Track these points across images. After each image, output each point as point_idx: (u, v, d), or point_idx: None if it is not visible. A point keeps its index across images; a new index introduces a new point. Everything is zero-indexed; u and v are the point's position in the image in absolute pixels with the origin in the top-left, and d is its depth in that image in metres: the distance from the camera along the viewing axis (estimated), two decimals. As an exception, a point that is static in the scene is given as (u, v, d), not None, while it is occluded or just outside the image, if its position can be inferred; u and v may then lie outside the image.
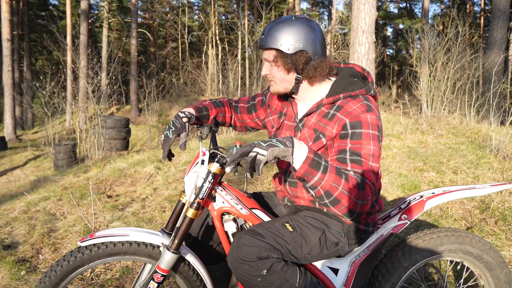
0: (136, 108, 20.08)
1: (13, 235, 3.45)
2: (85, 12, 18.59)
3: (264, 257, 1.54)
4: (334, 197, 1.45)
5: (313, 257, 1.69)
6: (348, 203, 1.46)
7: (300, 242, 1.65)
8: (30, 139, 16.16)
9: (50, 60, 27.62)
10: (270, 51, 1.66)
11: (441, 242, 1.84)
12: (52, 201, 4.12)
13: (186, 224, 1.70)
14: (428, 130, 5.90)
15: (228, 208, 1.76)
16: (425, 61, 8.81)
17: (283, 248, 1.61)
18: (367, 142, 1.56)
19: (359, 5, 7.77)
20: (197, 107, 1.93)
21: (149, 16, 32.84)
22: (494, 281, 1.89)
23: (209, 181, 1.68)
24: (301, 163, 1.42)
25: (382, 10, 33.37)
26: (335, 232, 1.71)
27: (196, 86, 16.87)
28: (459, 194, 1.88)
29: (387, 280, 1.84)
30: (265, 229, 1.63)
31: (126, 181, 4.56)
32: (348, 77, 1.71)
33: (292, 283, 1.59)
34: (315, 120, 1.71)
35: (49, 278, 1.65)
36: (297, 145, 1.44)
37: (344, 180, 1.46)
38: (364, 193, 1.48)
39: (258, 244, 1.56)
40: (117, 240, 1.71)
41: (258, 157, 1.38)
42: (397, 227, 1.83)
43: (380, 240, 1.81)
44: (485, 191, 1.87)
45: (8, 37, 16.35)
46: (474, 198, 3.72)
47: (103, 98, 10.57)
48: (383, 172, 4.36)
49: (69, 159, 9.59)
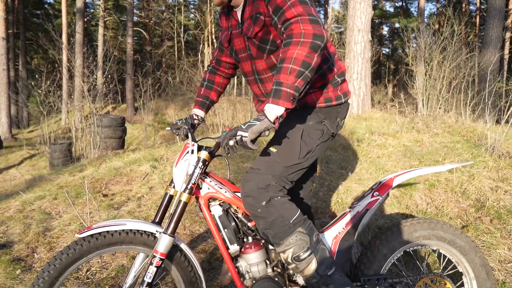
0: (132, 107, 20.04)
1: (8, 234, 3.43)
2: (80, 10, 18.52)
3: (263, 187, 1.76)
4: (300, 68, 1.52)
5: (310, 155, 1.87)
6: (303, 51, 1.52)
7: (287, 152, 1.83)
8: (26, 138, 16.10)
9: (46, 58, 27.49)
10: None
11: (414, 228, 1.99)
12: (47, 200, 4.10)
13: (181, 208, 1.84)
14: (423, 129, 5.91)
15: (214, 193, 1.92)
16: (421, 60, 8.83)
17: (278, 169, 1.80)
18: None
19: (355, 4, 7.78)
20: (200, 102, 2.27)
21: (145, 14, 32.75)
22: (471, 266, 2.01)
23: (200, 167, 1.86)
24: (278, 106, 1.54)
25: (378, 9, 33.42)
26: (314, 124, 1.89)
27: (192, 85, 16.86)
28: (423, 170, 2.08)
29: (369, 268, 1.99)
30: (258, 161, 1.84)
31: (122, 180, 4.54)
32: None
33: (287, 218, 1.77)
34: (248, 12, 1.82)
35: (48, 272, 1.68)
36: (266, 111, 1.56)
37: (284, 64, 1.53)
38: (294, 34, 1.55)
39: (256, 177, 1.78)
40: (114, 230, 1.79)
41: (243, 139, 1.54)
42: (370, 203, 2.01)
43: (356, 217, 1.99)
44: (444, 168, 2.10)
45: (3, 35, 16.26)
46: (469, 197, 3.73)
47: (99, 97, 10.52)
48: (379, 170, 4.37)
49: (65, 158, 9.56)
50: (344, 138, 5.46)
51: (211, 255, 3.04)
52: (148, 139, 11.48)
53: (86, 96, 10.19)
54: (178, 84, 19.88)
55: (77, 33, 18.24)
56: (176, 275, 1.91)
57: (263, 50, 1.84)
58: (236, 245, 1.90)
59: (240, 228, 1.94)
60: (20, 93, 18.82)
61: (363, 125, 6.32)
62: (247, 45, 1.91)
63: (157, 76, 19.49)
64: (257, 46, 1.85)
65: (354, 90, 7.83)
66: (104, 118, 10.19)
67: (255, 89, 2.05)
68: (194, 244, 3.15)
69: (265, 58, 1.87)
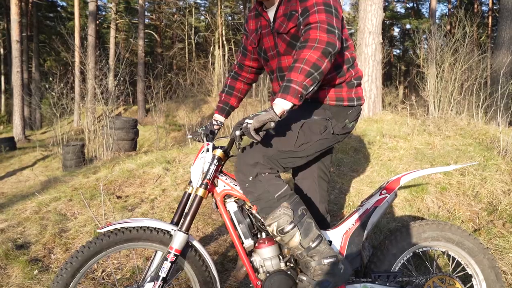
0: (143, 109, 20.20)
1: (25, 235, 3.51)
2: (93, 13, 18.74)
3: (251, 163, 1.88)
4: (310, 69, 1.62)
5: (306, 146, 1.94)
6: (315, 55, 1.63)
7: (284, 137, 1.91)
8: (39, 139, 16.32)
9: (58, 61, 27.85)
10: None
11: (423, 229, 2.04)
12: (62, 201, 4.17)
13: (196, 203, 1.93)
14: (435, 132, 5.90)
15: (229, 190, 2.00)
16: (432, 62, 8.79)
17: (270, 151, 1.89)
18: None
19: (366, 6, 7.78)
20: (220, 108, 2.39)
21: (156, 17, 32.98)
22: (480, 268, 2.03)
23: (215, 164, 1.96)
24: (286, 101, 1.63)
25: (389, 10, 33.25)
26: (318, 120, 1.97)
27: (202, 87, 16.98)
28: (429, 170, 2.15)
29: (379, 267, 2.04)
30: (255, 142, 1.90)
31: (135, 182, 4.60)
32: None
33: (272, 194, 1.86)
34: (282, 10, 1.93)
35: (71, 264, 1.78)
36: (274, 105, 1.65)
37: (296, 63, 1.64)
38: (310, 38, 1.67)
39: (249, 154, 1.90)
40: (132, 226, 1.88)
41: (248, 126, 1.64)
42: (379, 201, 2.07)
43: (365, 214, 2.05)
44: (451, 168, 2.17)
45: (17, 38, 16.51)
46: (481, 200, 3.72)
47: (111, 99, 10.65)
48: (390, 173, 4.38)
49: (78, 159, 9.69)
50: (355, 140, 5.46)
51: (224, 256, 3.08)
52: (160, 141, 11.57)
53: (98, 98, 10.31)
54: (189, 86, 20.01)
55: (89, 36, 18.46)
56: (191, 274, 1.98)
57: (293, 47, 1.93)
58: (250, 240, 1.98)
59: (254, 223, 2.01)
60: (33, 95, 19.09)
61: (374, 128, 6.31)
62: (276, 42, 2.00)
63: (168, 78, 19.64)
64: (287, 42, 1.94)
65: (365, 92, 7.82)
66: (116, 120, 10.31)
67: (276, 87, 2.15)
68: (207, 246, 3.19)
69: (293, 54, 1.93)
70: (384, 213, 2.83)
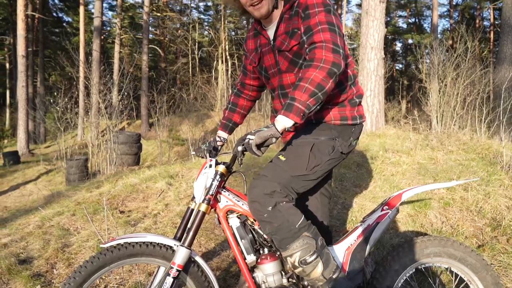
0: (147, 123, 20.29)
1: (28, 249, 3.51)
2: (98, 29, 18.97)
3: (268, 193, 1.83)
4: (314, 89, 1.64)
5: (318, 168, 1.93)
6: (320, 75, 1.65)
7: (295, 162, 1.90)
8: (43, 153, 16.38)
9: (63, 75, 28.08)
10: None
11: (425, 245, 2.03)
12: (65, 216, 4.18)
13: (199, 219, 1.93)
14: (438, 146, 5.90)
15: (232, 205, 2.01)
16: (434, 77, 8.83)
17: (284, 178, 1.87)
18: (314, 18, 1.80)
19: (368, 22, 7.86)
20: (224, 125, 2.42)
21: (160, 32, 33.35)
22: (483, 284, 2.02)
23: (217, 179, 1.97)
24: (288, 119, 1.65)
25: (391, 25, 33.51)
26: (326, 140, 1.96)
27: (206, 101, 17.06)
28: (431, 186, 2.15)
29: (382, 283, 2.03)
30: (266, 168, 1.94)
31: (138, 196, 4.61)
32: None
33: (293, 223, 1.83)
34: (283, 28, 1.94)
35: (74, 279, 1.78)
36: (276, 122, 1.68)
37: (300, 82, 1.66)
38: (315, 58, 1.69)
39: (263, 183, 1.86)
40: (135, 241, 1.88)
41: (250, 142, 1.66)
42: (380, 216, 2.09)
43: (367, 229, 2.07)
44: (452, 184, 2.19)
45: (23, 53, 16.71)
46: (485, 216, 3.71)
47: (115, 113, 10.72)
48: (393, 188, 4.37)
49: (81, 173, 9.71)
50: (358, 155, 5.47)
51: (227, 272, 3.07)
52: (163, 155, 11.60)
53: (103, 113, 10.38)
54: (192, 101, 20.12)
55: (94, 51, 18.66)
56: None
57: (296, 64, 1.95)
58: (253, 256, 1.98)
59: (256, 239, 2.01)
60: (37, 109, 19.22)
61: (377, 142, 6.32)
62: (277, 60, 2.02)
63: (172, 92, 19.76)
64: (290, 59, 1.95)
65: (368, 107, 7.85)
66: (120, 135, 10.36)
67: (277, 104, 2.16)
68: (210, 261, 3.19)
69: (295, 72, 1.97)
70: (387, 229, 2.83)
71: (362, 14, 8.17)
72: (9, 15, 26.81)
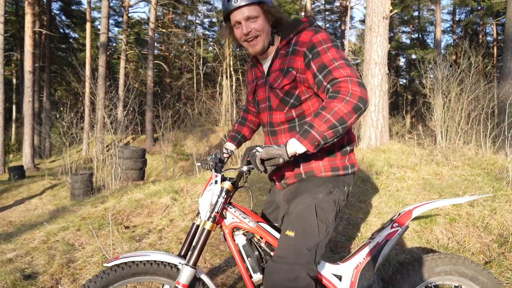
0: (151, 138, 20.37)
1: (33, 265, 3.51)
2: (104, 44, 19.20)
3: (292, 278, 1.73)
4: (336, 121, 1.59)
5: (329, 228, 1.86)
6: (345, 109, 1.59)
7: (306, 234, 1.80)
8: (48, 168, 16.44)
9: (69, 90, 28.38)
10: (253, 6, 1.81)
11: (436, 264, 1.99)
12: (70, 231, 4.19)
13: (204, 237, 1.90)
14: (443, 162, 5.88)
15: (238, 222, 1.97)
16: (438, 92, 8.86)
17: (303, 256, 1.76)
18: (325, 55, 1.73)
19: (372, 38, 7.92)
20: (232, 136, 2.42)
21: (165, 48, 33.70)
22: None
23: (223, 196, 1.93)
24: (300, 144, 1.61)
25: (395, 41, 33.72)
26: (324, 196, 1.87)
27: (210, 116, 17.14)
28: (441, 202, 2.09)
29: None
30: (280, 249, 1.81)
31: (143, 212, 4.62)
32: (294, 21, 1.92)
33: None
34: (278, 64, 1.90)
35: None
36: (288, 144, 1.64)
37: (323, 111, 1.61)
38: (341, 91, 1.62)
39: (283, 267, 1.75)
40: (139, 260, 1.86)
41: (256, 154, 1.65)
42: (390, 234, 2.03)
43: (377, 247, 2.01)
44: (464, 200, 2.12)
45: (30, 69, 16.92)
46: (492, 232, 3.68)
47: (120, 128, 10.78)
48: (398, 204, 4.35)
49: (86, 188, 9.74)
50: (362, 171, 5.46)
51: (231, 288, 3.05)
52: (168, 170, 11.62)
53: (108, 128, 10.45)
54: (196, 116, 20.21)
55: (100, 67, 18.86)
56: None
57: (286, 103, 1.90)
58: (259, 274, 1.94)
59: (263, 257, 1.98)
60: (43, 124, 19.37)
61: (382, 158, 6.32)
62: (268, 96, 1.98)
63: (176, 107, 19.88)
64: (280, 98, 1.91)
65: (372, 122, 7.87)
66: (125, 150, 10.40)
67: (267, 141, 2.11)
68: (215, 277, 3.17)
69: (285, 111, 1.93)
70: (395, 245, 2.81)
71: (365, 30, 8.25)
72: (17, 32, 27.22)
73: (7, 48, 24.13)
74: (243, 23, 1.82)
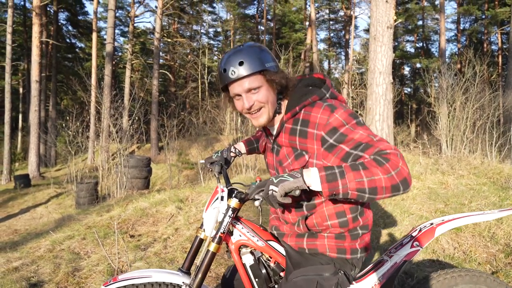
0: (156, 147, 20.42)
1: (39, 273, 3.52)
2: (109, 54, 19.35)
3: None
4: (368, 189, 1.40)
5: None
6: (384, 183, 1.40)
7: None
8: (53, 177, 16.51)
9: (75, 100, 28.56)
10: (255, 76, 1.59)
11: (455, 282, 1.81)
12: (76, 240, 4.20)
13: (209, 259, 1.75)
14: (448, 171, 5.87)
15: (245, 240, 1.82)
16: (443, 101, 8.85)
17: None
18: (354, 132, 1.52)
19: (376, 47, 7.94)
20: (249, 141, 2.28)
21: (170, 57, 33.92)
22: None
23: (229, 215, 1.75)
24: (319, 184, 1.42)
25: (399, 50, 33.77)
26: (329, 276, 1.69)
27: (215, 125, 17.15)
28: (468, 219, 1.88)
29: None
30: None
31: (148, 220, 4.63)
32: (302, 88, 1.71)
33: None
34: (285, 138, 1.70)
35: None
36: (306, 173, 1.45)
37: (362, 169, 1.41)
38: (391, 162, 1.42)
39: None
40: (139, 282, 1.75)
41: (274, 194, 1.44)
42: (410, 254, 1.84)
43: (394, 268, 1.84)
44: (494, 216, 1.88)
45: (37, 78, 17.06)
46: (498, 241, 3.66)
47: (126, 137, 10.84)
48: (403, 214, 4.34)
49: (91, 197, 9.76)
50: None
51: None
52: (172, 179, 11.64)
53: (114, 137, 10.51)
54: (201, 125, 20.26)
55: (105, 76, 18.98)
56: None
57: None
58: None
59: (271, 277, 1.86)
60: (49, 133, 19.48)
61: (387, 167, 6.30)
62: (276, 168, 1.82)
63: (181, 116, 19.94)
64: None
65: (377, 131, 7.87)
66: (130, 159, 10.44)
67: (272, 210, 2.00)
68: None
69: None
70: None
71: (370, 40, 8.28)
72: (24, 42, 27.51)
73: (14, 58, 24.38)
74: (243, 95, 1.61)
